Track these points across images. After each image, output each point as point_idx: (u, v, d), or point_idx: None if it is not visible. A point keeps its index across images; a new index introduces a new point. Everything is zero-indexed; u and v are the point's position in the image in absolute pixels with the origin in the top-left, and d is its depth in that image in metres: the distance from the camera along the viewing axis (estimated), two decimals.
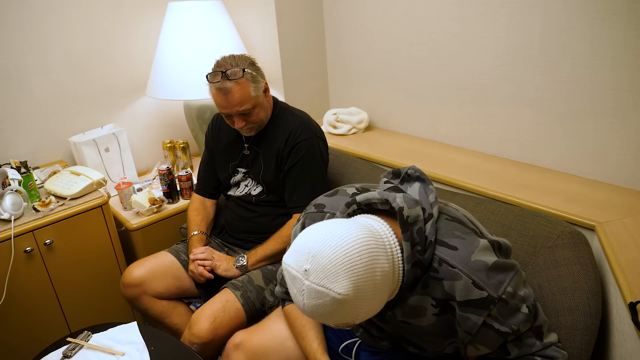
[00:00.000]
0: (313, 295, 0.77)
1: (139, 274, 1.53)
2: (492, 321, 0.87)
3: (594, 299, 1.07)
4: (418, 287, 0.91)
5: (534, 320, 0.91)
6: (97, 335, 1.32)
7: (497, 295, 0.85)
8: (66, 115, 2.06)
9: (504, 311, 0.86)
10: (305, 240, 0.80)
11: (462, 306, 0.87)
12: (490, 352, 0.92)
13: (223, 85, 1.38)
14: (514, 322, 0.87)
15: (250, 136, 1.59)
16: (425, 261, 0.88)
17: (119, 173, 2.10)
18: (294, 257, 0.80)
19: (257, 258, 1.53)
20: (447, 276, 0.88)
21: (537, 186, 1.50)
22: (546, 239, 1.20)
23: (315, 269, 0.77)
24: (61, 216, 1.66)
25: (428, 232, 0.88)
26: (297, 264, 0.79)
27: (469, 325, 0.88)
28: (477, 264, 0.87)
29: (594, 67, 1.41)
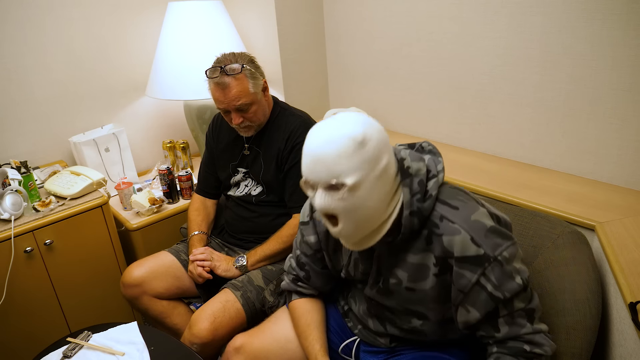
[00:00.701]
0: (333, 127, 0.87)
1: (139, 274, 1.53)
2: (485, 282, 0.90)
3: (594, 299, 1.07)
4: (421, 243, 0.95)
5: (528, 302, 0.93)
6: (97, 335, 1.31)
7: (493, 254, 0.89)
8: (66, 115, 2.06)
9: (498, 274, 0.89)
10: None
11: (459, 262, 0.91)
12: (480, 318, 0.93)
13: (221, 80, 1.39)
14: (507, 289, 0.90)
15: (250, 136, 1.59)
16: (424, 211, 0.92)
17: (119, 173, 2.10)
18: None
19: (256, 258, 1.53)
20: (446, 231, 0.91)
21: (537, 186, 1.50)
22: (546, 239, 1.20)
23: (342, 114, 0.90)
24: (61, 216, 1.66)
25: (430, 187, 0.93)
26: (326, 118, 0.92)
27: (462, 283, 0.91)
28: (476, 224, 0.91)
29: (594, 67, 1.41)
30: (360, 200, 0.88)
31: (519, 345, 0.93)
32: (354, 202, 0.87)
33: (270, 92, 1.62)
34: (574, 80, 1.47)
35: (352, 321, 1.24)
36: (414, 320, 1.04)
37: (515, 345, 0.93)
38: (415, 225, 0.93)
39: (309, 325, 1.18)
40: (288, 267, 1.26)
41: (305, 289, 1.23)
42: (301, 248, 1.20)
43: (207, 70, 1.43)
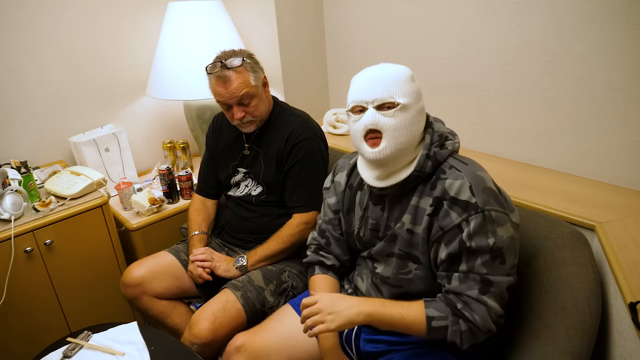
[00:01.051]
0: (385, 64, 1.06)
1: (139, 274, 1.53)
2: (464, 226, 0.97)
3: (594, 299, 1.07)
4: (427, 187, 1.04)
5: (490, 272, 0.97)
6: (97, 335, 1.32)
7: (481, 206, 0.97)
8: (66, 115, 2.06)
9: (477, 225, 0.96)
10: None
11: (450, 202, 0.99)
12: (444, 258, 1.01)
13: (222, 73, 1.41)
14: (476, 242, 0.96)
15: (250, 136, 1.59)
16: (439, 156, 1.03)
17: (119, 173, 2.11)
18: None
19: (256, 258, 1.53)
20: (451, 176, 1.01)
21: (537, 186, 1.50)
22: (546, 239, 1.20)
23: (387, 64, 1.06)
24: (61, 216, 1.66)
25: (447, 143, 1.06)
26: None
27: (446, 222, 1.00)
28: (479, 179, 1.00)
29: (595, 67, 1.41)
30: (405, 122, 1.00)
31: (454, 301, 1.00)
32: (401, 121, 1.00)
33: (270, 92, 1.63)
34: (574, 80, 1.47)
35: None
36: (410, 265, 1.09)
37: (451, 299, 1.01)
38: (427, 167, 1.03)
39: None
40: (310, 239, 1.34)
41: (326, 258, 1.29)
42: (323, 215, 1.31)
43: (207, 66, 1.44)
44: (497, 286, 0.99)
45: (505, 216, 0.99)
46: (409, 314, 1.01)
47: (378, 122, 1.00)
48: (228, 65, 1.41)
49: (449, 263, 1.01)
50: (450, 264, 1.01)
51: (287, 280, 1.54)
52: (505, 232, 0.99)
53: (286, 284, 1.53)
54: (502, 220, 0.98)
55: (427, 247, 1.05)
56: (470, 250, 0.97)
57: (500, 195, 1.02)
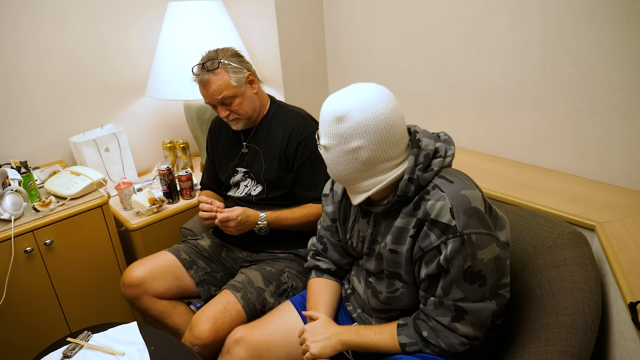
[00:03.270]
0: (339, 94, 1.01)
1: (139, 274, 1.54)
2: (442, 249, 0.96)
3: (594, 299, 1.07)
4: (410, 208, 1.01)
5: (466, 298, 0.98)
6: (97, 335, 1.32)
7: (460, 230, 0.94)
8: (66, 115, 2.06)
9: (455, 248, 0.94)
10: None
11: (430, 223, 0.97)
12: (424, 277, 1.01)
13: (202, 77, 1.45)
14: (453, 266, 0.95)
15: (248, 134, 1.59)
16: (422, 180, 0.99)
17: (119, 173, 2.11)
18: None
19: (277, 215, 1.52)
20: (434, 196, 0.98)
21: (537, 186, 1.51)
22: (546, 239, 1.20)
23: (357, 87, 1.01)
24: (61, 216, 1.66)
25: (434, 163, 1.01)
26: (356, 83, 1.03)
27: (426, 243, 0.98)
28: (462, 198, 0.96)
29: (595, 67, 1.41)
30: (331, 161, 1.02)
31: (421, 329, 1.04)
32: (327, 158, 1.03)
33: (270, 91, 1.63)
34: (575, 80, 1.47)
35: (352, 304, 1.27)
36: (396, 283, 1.09)
37: (419, 326, 1.05)
38: (410, 191, 1.00)
39: (317, 303, 1.25)
40: (310, 245, 1.37)
41: (323, 262, 1.32)
42: (322, 222, 1.32)
43: (193, 68, 1.47)
44: (473, 314, 0.99)
45: (489, 237, 0.96)
46: (381, 341, 1.08)
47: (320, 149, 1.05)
48: (207, 68, 1.44)
49: (428, 283, 1.02)
50: (429, 284, 1.02)
51: (287, 280, 1.55)
52: (488, 254, 0.96)
53: (286, 285, 1.54)
54: (484, 243, 0.95)
55: (411, 267, 1.05)
56: (447, 273, 0.97)
57: (487, 214, 0.99)
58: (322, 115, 1.01)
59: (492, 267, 0.97)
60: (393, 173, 1.00)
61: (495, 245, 0.97)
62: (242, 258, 1.66)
